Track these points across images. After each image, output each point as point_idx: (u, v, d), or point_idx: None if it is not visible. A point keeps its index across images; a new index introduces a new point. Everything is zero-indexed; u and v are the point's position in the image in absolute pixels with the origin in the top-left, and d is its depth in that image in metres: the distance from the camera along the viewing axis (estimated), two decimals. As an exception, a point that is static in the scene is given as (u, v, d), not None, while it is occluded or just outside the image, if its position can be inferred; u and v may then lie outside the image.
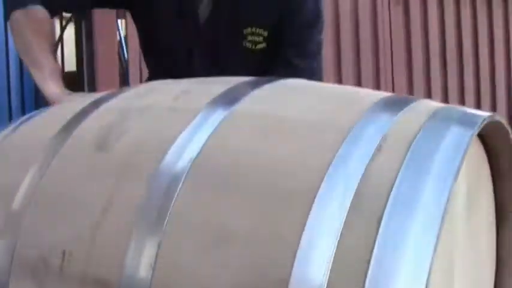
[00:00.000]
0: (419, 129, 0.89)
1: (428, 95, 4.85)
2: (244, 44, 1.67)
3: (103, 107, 1.12)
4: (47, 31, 1.62)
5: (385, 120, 0.92)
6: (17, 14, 1.60)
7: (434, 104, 1.03)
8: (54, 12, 1.67)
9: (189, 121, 0.97)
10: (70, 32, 4.17)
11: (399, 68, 4.79)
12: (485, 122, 0.97)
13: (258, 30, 1.65)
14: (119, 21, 4.19)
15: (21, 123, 1.26)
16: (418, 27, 4.87)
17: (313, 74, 1.74)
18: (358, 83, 4.65)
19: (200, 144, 0.93)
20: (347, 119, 0.92)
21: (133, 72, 4.08)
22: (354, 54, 4.65)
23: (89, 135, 1.05)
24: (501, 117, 1.08)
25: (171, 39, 1.69)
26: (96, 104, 1.14)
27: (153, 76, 1.84)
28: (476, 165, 1.17)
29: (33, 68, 1.58)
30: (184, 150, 0.93)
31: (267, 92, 1.05)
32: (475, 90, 5.05)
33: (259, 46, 1.67)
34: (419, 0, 4.88)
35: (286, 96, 1.06)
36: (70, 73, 4.53)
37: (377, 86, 4.70)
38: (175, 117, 1.01)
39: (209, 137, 0.94)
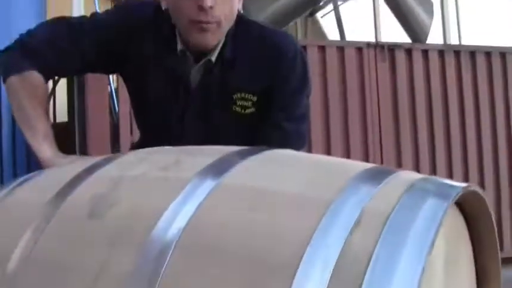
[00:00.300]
0: (397, 203, 0.94)
1: (416, 155, 4.92)
2: (233, 109, 1.71)
3: (96, 174, 1.17)
4: (41, 95, 1.66)
5: (364, 193, 0.97)
6: (13, 79, 1.64)
7: (412, 176, 1.08)
8: (48, 77, 1.71)
9: (179, 191, 1.02)
10: (62, 84, 4.24)
11: (387, 125, 4.87)
12: (460, 193, 1.02)
13: (247, 95, 1.70)
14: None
15: (14, 188, 1.31)
16: (405, 83, 4.97)
17: (301, 136, 1.80)
18: (346, 142, 4.74)
19: (189, 215, 0.98)
20: (328, 192, 0.97)
21: (123, 124, 4.13)
22: (341, 111, 4.75)
23: (82, 203, 1.09)
24: (476, 187, 1.13)
25: (163, 103, 1.74)
26: (89, 171, 1.19)
27: (144, 138, 1.89)
28: (455, 232, 1.22)
29: (27, 130, 1.62)
30: (174, 220, 0.98)
31: (253, 163, 1.11)
32: (461, 145, 5.10)
33: (249, 110, 1.71)
34: (405, 57, 4.98)
35: (271, 169, 1.12)
36: (61, 124, 4.58)
37: (365, 142, 4.78)
38: (165, 187, 1.06)
39: (197, 208, 0.99)
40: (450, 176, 4.97)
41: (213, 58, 1.67)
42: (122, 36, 1.68)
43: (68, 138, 4.13)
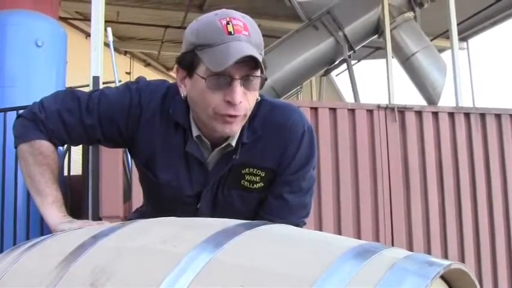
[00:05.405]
0: (377, 283, 1.00)
1: (426, 215, 4.94)
2: (242, 183, 1.75)
3: (99, 244, 1.24)
4: (50, 161, 1.72)
5: (348, 271, 1.03)
6: (23, 146, 1.72)
7: (396, 255, 1.13)
8: (57, 145, 1.76)
9: (174, 266, 1.08)
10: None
11: (397, 186, 4.91)
12: (440, 273, 1.07)
13: (255, 170, 1.74)
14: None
15: (23, 252, 1.38)
16: (415, 144, 5.03)
17: (304, 207, 1.85)
18: (356, 202, 4.79)
19: (183, 289, 1.04)
20: (314, 270, 1.03)
21: (136, 179, 4.21)
22: (352, 171, 4.82)
23: (84, 273, 1.16)
24: (459, 264, 1.17)
25: (177, 184, 1.76)
26: (93, 240, 1.26)
27: (151, 208, 1.94)
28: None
29: (36, 196, 1.69)
30: (168, 294, 1.04)
31: (247, 240, 1.17)
32: (472, 205, 5.10)
33: (257, 185, 1.76)
34: (416, 119, 5.05)
35: (263, 246, 1.17)
36: (76, 176, 4.68)
37: (375, 202, 4.82)
38: (162, 261, 1.12)
39: (191, 282, 1.04)
40: (461, 235, 4.98)
41: (233, 143, 1.69)
42: (129, 117, 1.71)
43: (83, 191, 4.23)
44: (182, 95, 1.66)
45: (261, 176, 1.75)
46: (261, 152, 1.73)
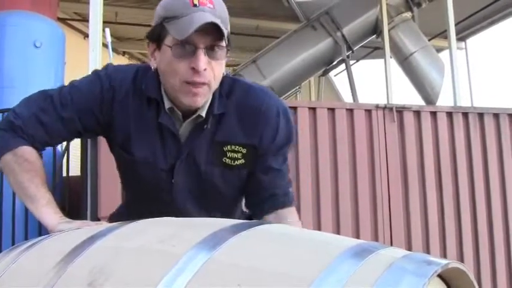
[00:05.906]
0: (375, 281, 1.00)
1: (425, 214, 4.94)
2: (224, 160, 1.79)
3: (97, 244, 1.24)
4: (36, 167, 1.72)
5: (346, 271, 1.03)
6: (6, 157, 1.72)
7: (394, 254, 1.13)
8: (40, 149, 1.78)
9: (172, 265, 1.08)
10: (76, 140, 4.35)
11: (395, 184, 4.92)
12: (438, 272, 1.07)
13: (237, 147, 1.79)
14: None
15: (21, 252, 1.38)
16: (413, 143, 5.03)
17: (286, 175, 1.90)
18: (355, 200, 4.79)
19: (180, 288, 1.04)
20: (312, 270, 1.03)
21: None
22: (351, 170, 4.82)
23: (83, 272, 1.16)
24: (457, 263, 1.18)
25: (153, 160, 1.78)
26: (91, 240, 1.26)
27: (133, 198, 1.97)
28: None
29: (28, 201, 1.69)
30: (166, 294, 1.04)
31: (245, 240, 1.17)
32: (470, 205, 5.11)
33: (238, 162, 1.80)
34: (414, 119, 5.06)
35: (262, 246, 1.17)
36: (74, 177, 4.68)
37: (374, 201, 4.82)
38: (160, 261, 1.13)
39: (188, 282, 1.05)
40: (459, 233, 4.99)
41: (203, 114, 1.74)
42: (103, 103, 1.75)
43: (81, 192, 4.23)
44: (152, 68, 1.73)
45: (242, 152, 1.80)
46: (240, 128, 1.78)
